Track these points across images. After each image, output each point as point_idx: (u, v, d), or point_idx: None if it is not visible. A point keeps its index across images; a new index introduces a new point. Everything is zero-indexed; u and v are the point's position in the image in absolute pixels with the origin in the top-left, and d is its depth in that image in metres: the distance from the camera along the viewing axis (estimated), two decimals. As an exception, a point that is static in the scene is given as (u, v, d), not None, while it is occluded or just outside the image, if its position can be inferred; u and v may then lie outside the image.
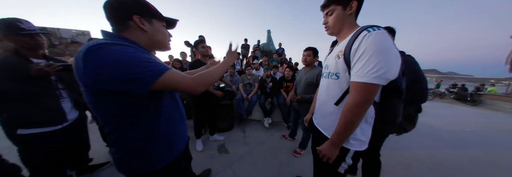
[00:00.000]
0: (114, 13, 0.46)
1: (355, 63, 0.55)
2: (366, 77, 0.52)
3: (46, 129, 0.89)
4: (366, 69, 0.52)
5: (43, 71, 0.82)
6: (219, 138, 2.06)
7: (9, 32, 0.80)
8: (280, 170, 1.50)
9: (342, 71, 0.63)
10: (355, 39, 0.56)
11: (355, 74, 0.55)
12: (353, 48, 0.55)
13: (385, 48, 0.51)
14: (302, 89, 1.56)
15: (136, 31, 0.49)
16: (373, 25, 0.56)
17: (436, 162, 1.74)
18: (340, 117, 0.61)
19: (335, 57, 0.66)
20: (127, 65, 0.40)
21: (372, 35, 0.52)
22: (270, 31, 6.72)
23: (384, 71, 0.50)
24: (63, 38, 5.82)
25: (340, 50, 0.63)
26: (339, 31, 0.68)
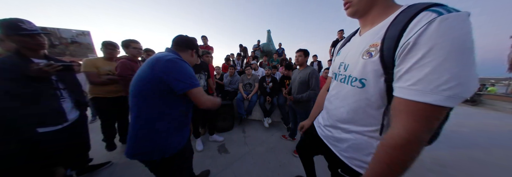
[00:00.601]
0: (185, 43, 0.81)
1: (411, 68, 0.33)
2: (434, 95, 0.31)
3: (47, 129, 0.89)
4: (435, 82, 0.31)
5: (43, 71, 0.82)
6: (219, 138, 2.06)
7: (10, 32, 0.80)
8: (280, 170, 1.50)
9: (373, 77, 0.42)
10: (408, 24, 0.34)
11: (410, 87, 0.33)
12: (406, 41, 0.34)
13: (470, 47, 0.30)
14: (296, 88, 1.66)
15: (187, 55, 0.82)
16: (436, 2, 0.34)
17: (436, 162, 1.74)
18: (378, 153, 0.39)
19: (363, 54, 0.44)
20: (184, 75, 0.67)
21: (449, 20, 0.30)
22: (270, 31, 6.73)
23: (465, 89, 0.30)
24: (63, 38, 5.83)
25: (374, 43, 0.42)
26: (368, 10, 0.46)
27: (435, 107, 0.32)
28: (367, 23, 0.48)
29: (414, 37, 0.32)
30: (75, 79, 1.10)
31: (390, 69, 0.37)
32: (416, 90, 0.33)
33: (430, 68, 0.31)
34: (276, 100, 2.40)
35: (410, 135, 0.34)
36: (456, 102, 0.31)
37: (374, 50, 0.41)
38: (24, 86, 0.82)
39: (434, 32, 0.30)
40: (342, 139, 0.54)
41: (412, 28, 0.33)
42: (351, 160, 0.51)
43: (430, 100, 0.31)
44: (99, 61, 1.50)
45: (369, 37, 0.45)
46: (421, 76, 0.32)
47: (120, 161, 1.58)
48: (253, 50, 5.69)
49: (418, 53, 0.32)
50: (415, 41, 0.32)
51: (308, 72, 1.55)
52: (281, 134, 2.26)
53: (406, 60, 0.34)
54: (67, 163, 1.17)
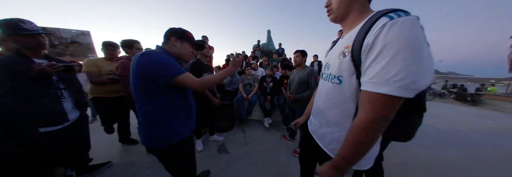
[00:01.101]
0: (166, 34, 0.79)
1: (370, 65, 0.39)
2: (387, 86, 0.36)
3: (47, 129, 0.89)
4: (387, 74, 0.36)
5: (45, 72, 0.82)
6: (219, 138, 2.06)
7: (11, 32, 0.80)
8: (280, 170, 1.50)
9: (347, 74, 0.48)
10: (370, 29, 0.40)
11: (369, 80, 0.39)
12: (367, 43, 0.40)
13: (417, 44, 0.35)
14: (295, 88, 1.68)
15: (169, 45, 0.78)
16: (396, 8, 0.39)
17: (436, 162, 1.74)
18: (347, 136, 0.45)
19: (339, 55, 0.50)
20: (159, 66, 0.66)
21: (397, 24, 0.35)
22: (270, 31, 6.72)
23: (414, 80, 0.35)
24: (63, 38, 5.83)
25: (347, 45, 0.48)
26: (345, 16, 0.52)
27: (388, 96, 0.37)
28: (346, 28, 0.54)
29: (371, 39, 0.39)
30: (75, 79, 1.10)
31: (359, 67, 0.44)
32: (373, 83, 0.39)
33: (383, 64, 0.37)
34: (276, 100, 2.40)
35: (368, 121, 0.40)
36: (408, 93, 0.36)
37: (347, 51, 0.48)
38: (25, 86, 0.82)
39: (385, 34, 0.36)
40: (326, 133, 0.59)
41: (371, 32, 0.40)
42: (335, 151, 0.54)
43: (383, 91, 0.37)
44: (100, 61, 1.52)
45: (345, 40, 0.51)
46: (377, 71, 0.38)
47: (120, 161, 1.58)
48: (253, 50, 5.69)
49: (374, 52, 0.38)
50: (372, 43, 0.39)
51: (307, 72, 1.57)
52: (281, 134, 2.26)
53: (366, 59, 0.40)
54: (67, 163, 1.18)
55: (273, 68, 2.57)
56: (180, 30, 0.80)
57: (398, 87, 0.35)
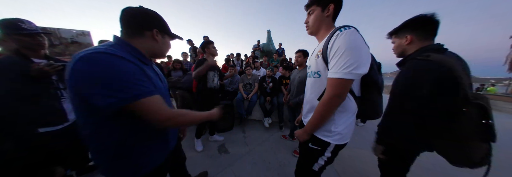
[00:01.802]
0: (136, 20, 0.51)
1: (330, 60, 0.59)
2: (338, 73, 0.56)
3: (47, 129, 0.89)
4: (338, 65, 0.56)
5: (44, 71, 0.82)
6: (219, 138, 2.06)
7: (10, 32, 0.80)
8: (280, 170, 1.50)
9: (322, 69, 0.66)
10: (330, 38, 0.60)
11: (330, 71, 0.59)
12: (329, 47, 0.59)
13: (356, 45, 0.55)
14: (295, 87, 1.68)
15: (146, 40, 0.54)
16: (345, 25, 0.61)
17: (436, 162, 1.74)
18: (315, 109, 0.66)
19: (315, 57, 0.70)
20: (102, 79, 0.41)
21: (343, 33, 0.56)
22: (270, 31, 6.73)
23: (355, 67, 0.55)
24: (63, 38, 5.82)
25: (319, 50, 0.67)
26: (317, 31, 0.72)
27: (340, 80, 0.57)
28: (319, 39, 0.74)
29: (331, 43, 0.59)
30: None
31: (327, 64, 0.62)
32: (332, 72, 0.59)
33: (337, 59, 0.57)
34: (276, 100, 2.41)
35: (328, 97, 0.61)
36: (352, 76, 0.56)
37: (319, 53, 0.66)
38: (25, 86, 0.82)
39: (337, 40, 0.57)
40: (310, 110, 0.75)
41: (331, 39, 0.59)
42: (319, 132, 0.70)
43: (336, 76, 0.57)
44: None
45: (319, 47, 0.70)
46: (333, 64, 0.58)
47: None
48: (253, 50, 5.69)
49: (332, 52, 0.58)
50: (332, 46, 0.59)
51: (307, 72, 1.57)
52: (281, 134, 2.26)
53: (329, 57, 0.60)
54: (67, 163, 1.17)
55: (273, 69, 2.57)
56: (161, 19, 0.56)
57: (345, 73, 0.55)
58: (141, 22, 0.52)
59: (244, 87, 2.63)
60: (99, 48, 0.43)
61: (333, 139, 0.67)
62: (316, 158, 0.73)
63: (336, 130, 0.66)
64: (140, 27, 0.52)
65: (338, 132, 0.66)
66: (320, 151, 0.71)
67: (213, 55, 1.64)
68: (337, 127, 0.66)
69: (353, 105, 0.67)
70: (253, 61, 4.85)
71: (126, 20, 0.50)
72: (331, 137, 0.67)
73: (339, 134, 0.67)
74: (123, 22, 0.51)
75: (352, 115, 0.68)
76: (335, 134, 0.67)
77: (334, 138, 0.67)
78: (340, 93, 0.59)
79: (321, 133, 0.70)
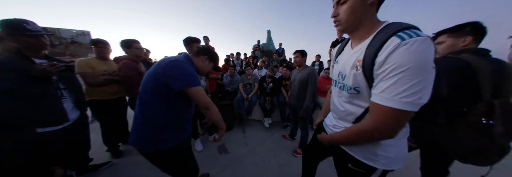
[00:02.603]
0: (200, 50, 0.88)
1: (381, 80, 0.42)
2: (395, 101, 0.40)
3: (47, 129, 0.89)
4: (395, 91, 0.39)
5: (46, 72, 0.83)
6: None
7: (14, 32, 0.81)
8: (280, 170, 1.50)
9: (363, 86, 0.50)
10: (381, 47, 0.42)
11: (379, 94, 0.43)
12: (379, 61, 0.42)
13: (426, 66, 0.38)
14: (296, 88, 1.67)
15: (198, 61, 0.84)
16: (407, 25, 0.41)
17: (436, 162, 1.74)
18: (347, 129, 0.54)
19: (352, 68, 0.52)
20: (182, 73, 0.70)
21: (408, 45, 0.38)
22: (270, 31, 6.72)
23: (420, 97, 0.38)
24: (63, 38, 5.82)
25: (358, 59, 0.50)
26: (354, 28, 0.51)
27: (397, 110, 0.40)
28: (355, 39, 0.55)
29: (383, 57, 0.41)
30: (75, 79, 1.10)
31: (370, 80, 0.47)
32: (383, 97, 0.42)
33: (393, 81, 0.40)
34: (276, 100, 2.40)
35: (373, 127, 0.45)
36: (414, 107, 0.40)
37: (359, 65, 0.50)
38: (25, 86, 0.82)
39: (398, 54, 0.39)
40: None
41: (383, 51, 0.42)
42: (360, 153, 0.57)
43: (391, 105, 0.40)
44: (93, 61, 1.41)
45: (357, 53, 0.52)
46: (386, 87, 0.41)
47: (120, 161, 1.59)
48: (253, 50, 5.69)
49: (386, 69, 0.41)
50: (384, 61, 0.41)
51: (307, 72, 1.56)
52: (281, 134, 2.26)
53: (378, 73, 0.43)
54: (67, 163, 1.18)
55: (273, 69, 2.56)
56: (215, 54, 0.89)
57: (405, 103, 0.39)
58: (203, 51, 0.86)
59: (244, 87, 2.64)
60: (178, 57, 0.76)
61: (380, 163, 0.54)
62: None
63: (383, 154, 0.53)
64: (200, 52, 0.86)
65: (386, 156, 0.53)
66: (365, 174, 0.58)
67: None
68: (385, 151, 0.53)
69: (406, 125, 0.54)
70: (253, 61, 4.86)
71: (193, 48, 0.87)
72: (377, 161, 0.54)
73: (388, 158, 0.53)
74: (192, 48, 0.90)
75: (403, 135, 0.55)
76: (383, 158, 0.53)
77: (381, 163, 0.54)
78: (394, 127, 0.43)
79: (362, 155, 0.56)
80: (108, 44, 1.49)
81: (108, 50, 1.49)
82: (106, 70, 1.44)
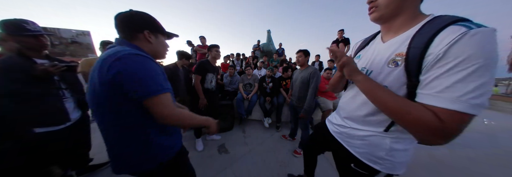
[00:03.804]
0: (127, 25, 0.54)
1: (438, 76, 0.35)
2: (463, 103, 0.32)
3: (49, 128, 0.90)
4: (462, 90, 0.32)
5: (48, 72, 0.83)
6: (216, 137, 2.08)
7: (14, 32, 0.81)
8: (280, 170, 1.50)
9: (396, 84, 0.43)
10: (435, 36, 0.36)
11: (436, 94, 0.35)
12: (436, 52, 0.35)
13: (495, 61, 0.32)
14: (297, 88, 1.67)
15: (142, 42, 0.57)
16: (463, 17, 0.36)
17: (436, 162, 1.75)
18: (404, 100, 0.40)
19: (388, 63, 0.45)
20: (143, 78, 0.48)
21: (478, 35, 0.32)
22: (270, 31, 6.72)
23: (486, 99, 0.33)
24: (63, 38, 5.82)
25: (399, 52, 0.43)
26: (393, 16, 0.45)
27: (463, 114, 0.33)
28: (391, 30, 0.49)
29: (444, 49, 0.34)
30: (76, 79, 1.11)
31: (413, 76, 0.39)
32: (442, 97, 0.34)
33: (459, 78, 0.32)
34: (276, 100, 2.41)
35: (436, 122, 0.35)
36: (479, 111, 0.33)
37: (400, 59, 0.42)
38: (27, 86, 0.82)
39: (465, 45, 0.32)
40: (356, 136, 0.57)
41: (441, 40, 0.35)
42: (365, 155, 0.54)
43: (456, 107, 0.33)
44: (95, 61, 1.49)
45: (395, 45, 0.45)
46: (449, 85, 0.34)
47: (120, 161, 1.58)
48: (253, 50, 5.69)
49: (448, 64, 0.34)
50: (445, 53, 0.34)
51: (309, 72, 1.55)
52: (281, 134, 2.26)
53: (434, 69, 0.36)
54: (67, 163, 1.18)
55: (273, 69, 2.57)
56: (151, 19, 0.57)
57: (474, 105, 0.32)
58: (135, 25, 0.55)
59: (244, 87, 2.64)
60: (124, 50, 0.49)
61: (384, 167, 0.51)
62: None
63: (389, 158, 0.50)
64: (133, 31, 0.55)
65: (392, 161, 0.50)
66: (367, 176, 0.56)
67: (214, 58, 1.75)
68: (392, 156, 0.50)
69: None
70: (253, 61, 4.86)
71: (119, 27, 0.54)
72: (381, 165, 0.51)
73: (393, 163, 0.50)
74: (118, 29, 0.55)
75: (412, 141, 0.49)
76: (388, 162, 0.51)
77: (385, 166, 0.51)
78: (459, 132, 0.35)
79: (366, 157, 0.54)
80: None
81: None
82: None
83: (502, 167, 1.72)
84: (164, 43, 0.64)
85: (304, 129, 1.68)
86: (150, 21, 0.57)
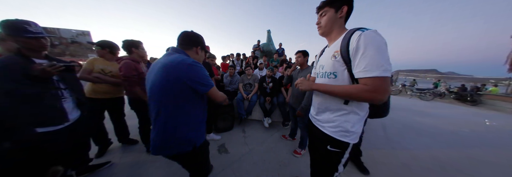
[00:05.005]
0: (190, 40, 0.82)
1: (359, 60, 0.58)
2: (376, 71, 0.55)
3: (48, 128, 0.89)
4: (374, 64, 0.55)
5: (46, 72, 0.83)
6: (216, 137, 2.08)
7: (15, 34, 0.80)
8: (280, 170, 1.50)
9: (340, 70, 0.67)
10: (350, 39, 0.61)
11: (363, 70, 0.58)
12: (352, 47, 0.60)
13: (383, 44, 0.57)
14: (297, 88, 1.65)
15: (192, 53, 0.83)
16: (361, 27, 0.63)
17: (436, 162, 1.75)
18: (344, 87, 0.64)
19: (331, 58, 0.70)
20: (204, 77, 0.74)
21: (367, 34, 0.57)
22: (270, 31, 6.72)
23: (389, 65, 0.56)
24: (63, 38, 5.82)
25: (336, 50, 0.68)
26: (330, 32, 0.74)
27: (381, 78, 0.56)
28: (331, 40, 0.76)
29: (354, 44, 0.59)
30: (76, 79, 1.10)
31: (348, 63, 0.63)
32: (367, 70, 0.57)
33: (369, 58, 0.56)
34: (276, 100, 2.41)
35: (370, 94, 0.58)
36: (389, 74, 0.56)
37: (337, 54, 0.67)
38: (25, 86, 0.82)
39: (364, 39, 0.57)
40: (327, 119, 0.75)
41: (353, 40, 0.60)
42: (338, 133, 0.71)
43: (375, 74, 0.56)
44: (97, 60, 1.52)
45: (333, 47, 0.71)
46: (366, 63, 0.57)
47: (120, 161, 1.59)
48: (253, 50, 5.69)
49: (360, 52, 0.58)
50: (356, 46, 0.59)
51: (309, 72, 1.56)
52: (281, 134, 2.27)
53: (356, 57, 0.60)
54: (67, 163, 1.17)
55: (273, 69, 2.56)
56: (203, 40, 0.87)
57: (383, 71, 0.55)
58: (192, 41, 0.82)
59: (244, 87, 2.64)
60: (189, 59, 0.73)
61: (351, 138, 0.69)
62: (338, 160, 0.74)
63: (352, 129, 0.68)
64: (192, 44, 0.82)
65: (354, 132, 0.69)
66: (341, 153, 0.72)
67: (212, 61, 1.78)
68: (354, 127, 0.68)
69: (367, 105, 0.71)
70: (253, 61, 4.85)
71: (184, 38, 0.81)
72: (349, 137, 0.69)
73: (355, 134, 0.69)
74: (182, 39, 0.81)
75: (365, 114, 0.71)
76: (352, 133, 0.69)
77: (351, 138, 0.69)
78: (387, 90, 0.57)
79: (339, 134, 0.71)
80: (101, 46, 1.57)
81: (100, 52, 1.58)
82: (102, 69, 1.51)
83: (503, 167, 1.72)
84: (203, 57, 0.92)
85: (304, 128, 1.68)
86: (202, 41, 0.85)
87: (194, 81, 0.70)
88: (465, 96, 6.36)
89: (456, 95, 6.69)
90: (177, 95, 0.71)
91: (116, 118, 1.79)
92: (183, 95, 0.72)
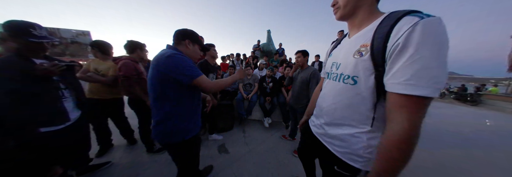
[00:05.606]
0: (178, 35, 0.83)
1: (403, 64, 0.36)
2: (429, 88, 0.34)
3: (48, 128, 0.89)
4: (428, 75, 0.34)
5: (48, 71, 0.83)
6: (218, 137, 2.08)
7: (18, 36, 0.80)
8: (280, 170, 1.50)
9: (363, 74, 0.45)
10: (392, 27, 0.38)
11: (404, 82, 0.36)
12: (393, 41, 0.37)
13: (446, 44, 0.35)
14: (297, 88, 1.68)
15: (182, 47, 0.84)
16: (414, 10, 0.39)
17: (436, 162, 1.75)
18: (380, 151, 0.41)
19: (354, 54, 0.48)
20: (183, 68, 0.73)
21: (429, 22, 0.34)
22: (270, 31, 6.72)
23: (444, 82, 0.35)
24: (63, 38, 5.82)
25: (364, 43, 0.46)
26: (353, 14, 0.51)
27: (424, 98, 0.35)
28: (354, 26, 0.53)
29: (403, 37, 0.36)
30: (76, 79, 1.11)
31: (380, 66, 0.41)
32: (410, 84, 0.35)
33: (421, 63, 0.34)
34: (276, 99, 2.40)
35: (413, 126, 0.36)
36: (438, 93, 0.35)
37: (364, 50, 0.45)
38: (26, 86, 0.82)
39: (420, 33, 0.34)
40: (336, 136, 0.57)
41: (398, 31, 0.37)
42: (346, 155, 0.54)
43: (423, 93, 0.34)
44: (95, 60, 1.54)
45: (359, 39, 0.49)
46: (414, 72, 0.35)
47: (120, 161, 1.59)
48: (253, 50, 5.69)
49: (408, 52, 0.35)
50: (405, 41, 0.36)
51: (309, 72, 1.56)
52: (281, 134, 2.26)
53: (398, 58, 0.37)
54: (67, 163, 1.17)
55: (273, 69, 2.56)
56: (193, 33, 0.86)
57: (437, 89, 0.34)
58: (180, 35, 0.83)
59: (244, 87, 2.64)
60: (170, 51, 0.75)
61: (364, 165, 0.51)
62: None
63: (367, 155, 0.50)
64: (181, 38, 0.83)
65: (368, 157, 0.50)
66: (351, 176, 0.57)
67: (212, 57, 1.74)
68: (370, 153, 0.50)
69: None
70: (253, 61, 4.86)
71: (174, 35, 0.84)
72: (360, 162, 0.52)
73: (369, 160, 0.51)
74: (173, 35, 0.84)
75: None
76: (366, 159, 0.51)
77: (363, 164, 0.51)
78: (422, 119, 0.37)
79: (351, 158, 0.53)
80: (92, 46, 1.57)
81: (93, 52, 1.59)
82: (96, 69, 1.52)
83: (503, 167, 1.72)
84: (197, 51, 0.90)
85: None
86: (191, 34, 0.85)
87: (174, 72, 0.71)
88: (465, 96, 6.36)
89: (456, 95, 6.69)
90: (166, 87, 0.74)
91: (117, 120, 1.78)
92: (171, 86, 0.74)
